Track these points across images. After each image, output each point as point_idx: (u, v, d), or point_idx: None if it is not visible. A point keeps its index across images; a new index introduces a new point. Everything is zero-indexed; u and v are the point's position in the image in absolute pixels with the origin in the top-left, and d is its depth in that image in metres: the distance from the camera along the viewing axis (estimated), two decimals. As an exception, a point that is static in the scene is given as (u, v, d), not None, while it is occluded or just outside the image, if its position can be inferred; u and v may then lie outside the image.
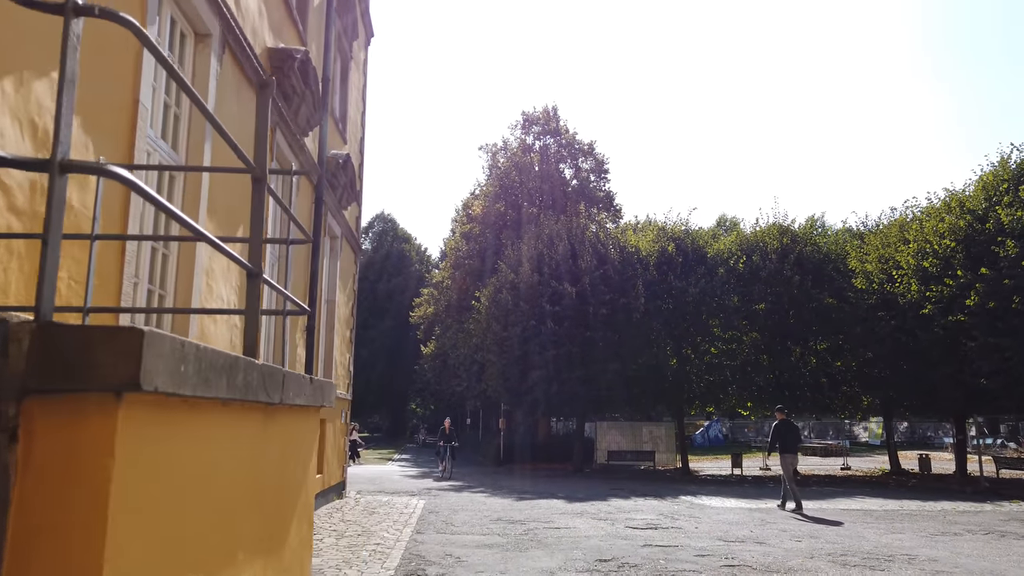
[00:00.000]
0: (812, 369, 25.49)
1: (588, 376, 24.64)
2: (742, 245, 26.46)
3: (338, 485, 14.67)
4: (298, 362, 10.85)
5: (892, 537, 10.62)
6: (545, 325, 24.71)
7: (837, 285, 24.94)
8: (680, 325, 25.19)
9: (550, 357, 24.68)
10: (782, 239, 26.08)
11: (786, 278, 24.95)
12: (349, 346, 15.53)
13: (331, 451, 13.71)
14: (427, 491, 17.43)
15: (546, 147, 34.46)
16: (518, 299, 25.69)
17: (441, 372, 40.22)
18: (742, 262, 25.77)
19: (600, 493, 17.41)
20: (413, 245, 61.50)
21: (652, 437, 29.27)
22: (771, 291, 25.35)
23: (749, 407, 27.90)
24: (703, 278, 25.06)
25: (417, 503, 14.55)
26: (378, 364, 56.73)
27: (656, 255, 25.98)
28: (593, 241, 25.94)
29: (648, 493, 17.57)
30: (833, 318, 24.94)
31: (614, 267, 25.37)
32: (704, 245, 26.73)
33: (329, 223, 12.78)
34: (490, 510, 13.39)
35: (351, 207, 14.94)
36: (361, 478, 21.49)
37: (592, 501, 15.36)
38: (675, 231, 26.43)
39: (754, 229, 26.98)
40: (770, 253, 25.74)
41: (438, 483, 20.23)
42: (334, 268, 13.68)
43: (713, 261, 26.02)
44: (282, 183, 9.71)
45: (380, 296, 57.81)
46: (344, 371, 15.00)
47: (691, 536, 10.38)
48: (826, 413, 29.01)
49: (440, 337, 38.58)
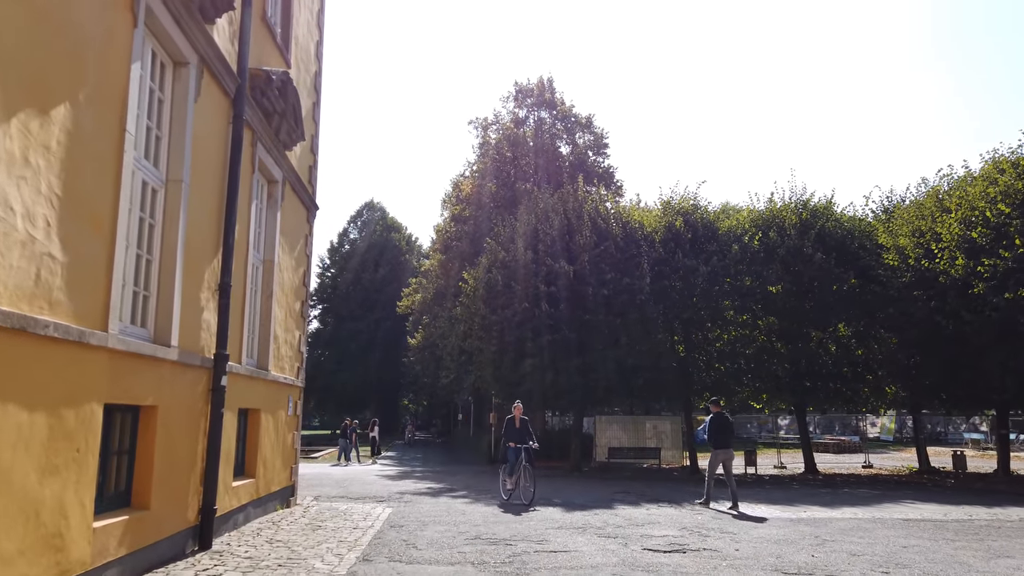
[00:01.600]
0: (834, 357, 22.69)
1: (587, 365, 21.78)
2: (756, 221, 23.63)
3: (283, 491, 11.79)
4: (206, 330, 7.98)
5: (1005, 565, 7.79)
6: (539, 308, 21.84)
7: (863, 263, 22.13)
8: (689, 308, 22.35)
9: (545, 344, 21.81)
10: (800, 214, 23.27)
11: (806, 256, 22.12)
12: (299, 322, 12.64)
13: (269, 449, 10.83)
14: (399, 496, 14.56)
15: (541, 121, 31.56)
16: (510, 279, 22.81)
17: (429, 365, 37.35)
18: (757, 239, 22.94)
19: (603, 498, 14.56)
20: (403, 235, 58.61)
21: (656, 433, 26.41)
22: (789, 270, 22.53)
23: (763, 399, 25.08)
24: (715, 256, 22.22)
25: (381, 513, 11.69)
26: (367, 358, 53.87)
27: (662, 231, 23.11)
28: (592, 215, 23.06)
29: (660, 498, 14.74)
30: (859, 299, 22.14)
31: (616, 244, 22.50)
32: (715, 221, 23.88)
33: (261, 158, 9.90)
34: (468, 523, 10.53)
35: (299, 149, 12.05)
36: (329, 480, 18.59)
37: (595, 509, 12.51)
38: (683, 205, 23.57)
39: (769, 205, 24.11)
40: (788, 229, 22.91)
41: (416, 484, 17.39)
42: (271, 220, 10.79)
43: (726, 238, 23.17)
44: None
45: (368, 287, 54.93)
46: (292, 351, 12.11)
47: (736, 566, 7.52)
48: (849, 406, 26.19)
49: (428, 327, 35.70)
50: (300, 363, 12.72)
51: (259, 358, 10.43)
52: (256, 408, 10.23)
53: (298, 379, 12.51)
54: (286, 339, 11.67)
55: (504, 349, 22.70)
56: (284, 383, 11.52)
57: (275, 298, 10.89)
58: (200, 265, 7.87)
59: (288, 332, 11.82)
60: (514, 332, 22.24)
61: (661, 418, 27.26)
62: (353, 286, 56.69)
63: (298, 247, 12.32)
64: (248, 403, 9.84)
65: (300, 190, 12.15)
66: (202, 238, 7.92)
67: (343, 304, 56.58)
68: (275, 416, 11.08)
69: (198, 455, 7.85)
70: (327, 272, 59.27)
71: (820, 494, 16.44)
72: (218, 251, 8.30)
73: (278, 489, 11.45)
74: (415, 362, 39.98)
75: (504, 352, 22.71)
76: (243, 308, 9.29)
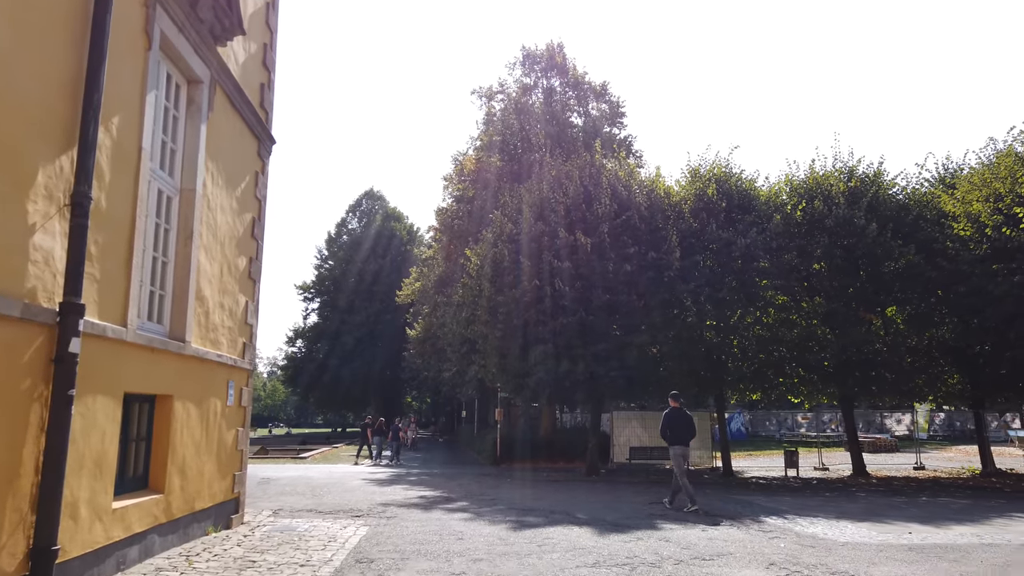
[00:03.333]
0: (889, 344, 19.53)
1: (606, 352, 18.67)
2: (798, 191, 20.47)
3: (219, 508, 8.71)
4: (41, 265, 4.92)
5: None
6: (552, 287, 18.75)
7: (924, 235, 18.96)
8: (724, 287, 19.23)
9: (558, 328, 18.72)
10: (849, 181, 20.13)
11: (858, 227, 18.95)
12: (247, 285, 9.56)
13: (191, 452, 7.75)
14: (382, 510, 11.47)
15: (550, 90, 28.41)
16: (517, 254, 19.71)
17: (431, 358, 34.25)
18: (801, 208, 19.80)
19: (637, 512, 11.44)
20: (404, 224, 55.51)
21: (681, 431, 23.31)
22: (838, 244, 19.36)
23: (803, 393, 21.90)
24: (753, 227, 19.07)
25: (350, 536, 8.63)
26: (367, 353, 50.87)
27: (692, 200, 19.99)
28: (612, 182, 19.94)
29: (707, 512, 11.62)
30: (919, 277, 18.99)
31: (639, 214, 19.37)
32: (750, 189, 20.71)
33: (165, 32, 6.79)
34: (466, 555, 7.45)
35: (241, 51, 8.95)
36: (305, 485, 15.52)
37: (634, 530, 9.40)
38: (716, 171, 20.40)
39: (810, 173, 20.92)
40: (836, 197, 19.75)
41: (407, 491, 14.32)
42: (193, 135, 7.71)
43: (765, 208, 20.03)
44: None
45: (368, 279, 51.89)
46: (234, 321, 9.03)
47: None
48: (903, 399, 22.99)
49: (428, 317, 32.60)
50: (249, 338, 9.65)
51: (172, 324, 7.36)
52: (166, 394, 7.16)
53: (244, 359, 9.43)
54: (223, 304, 8.59)
55: (511, 335, 19.61)
56: (219, 362, 8.44)
57: (201, 244, 7.81)
58: (32, 157, 4.81)
59: (227, 295, 8.74)
60: (522, 315, 19.15)
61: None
62: (352, 278, 53.70)
63: (243, 185, 9.24)
64: (148, 386, 6.77)
65: (244, 108, 9.07)
66: (41, 112, 4.87)
67: (342, 297, 53.59)
68: (202, 406, 8.00)
69: (29, 464, 4.80)
70: (325, 264, 56.24)
71: (899, 505, 13.30)
72: (72, 144, 5.22)
73: (210, 506, 8.38)
74: (415, 355, 36.89)
75: (511, 338, 19.62)
76: (130, 243, 6.19)
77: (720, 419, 21.49)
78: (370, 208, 56.17)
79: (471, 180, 29.36)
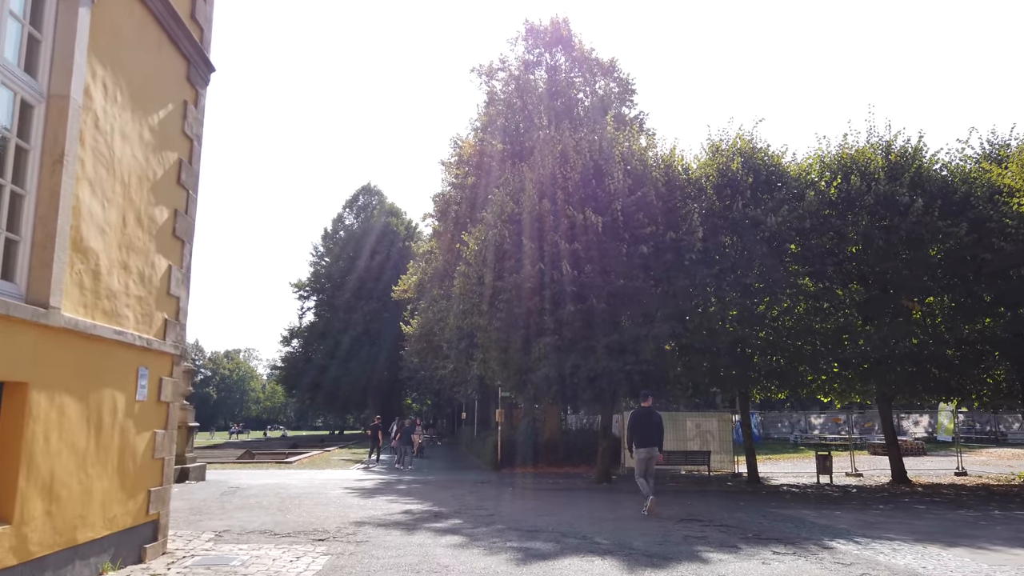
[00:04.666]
0: (936, 336, 17.29)
1: (620, 345, 16.45)
2: (830, 167, 18.24)
3: (123, 536, 6.47)
4: None
5: None
6: (559, 271, 16.54)
7: (977, 213, 16.73)
8: (751, 272, 17.03)
9: (565, 317, 16.50)
10: (888, 155, 17.91)
11: (901, 205, 16.74)
12: (173, 246, 7.35)
13: (67, 462, 5.49)
14: (355, 531, 9.23)
15: (555, 67, 26.21)
16: (520, 236, 17.49)
17: (427, 356, 32.03)
18: (836, 184, 17.57)
19: (670, 535, 9.17)
20: (402, 220, 53.31)
21: (700, 432, 21.11)
22: (878, 225, 17.13)
23: (836, 391, 19.65)
24: (784, 205, 16.85)
25: (302, 573, 6.43)
26: (364, 352, 48.65)
27: (715, 176, 17.78)
28: (626, 156, 17.72)
29: (753, 528, 9.39)
30: (970, 260, 16.78)
31: (656, 190, 17.15)
32: (778, 164, 18.47)
33: None
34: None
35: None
36: (278, 495, 13.26)
37: (674, 564, 7.14)
38: (740, 144, 18.16)
39: (843, 148, 18.67)
40: (874, 172, 17.54)
41: (391, 504, 12.11)
42: (67, 23, 5.49)
43: (796, 184, 17.81)
44: None
45: (364, 275, 49.71)
46: (147, 290, 6.82)
47: None
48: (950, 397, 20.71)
49: (424, 312, 30.38)
50: (174, 314, 7.43)
51: (29, 281, 5.15)
52: (15, 381, 4.95)
53: (166, 339, 7.21)
54: (127, 264, 6.38)
55: (512, 326, 17.38)
56: (119, 342, 6.23)
57: (83, 176, 5.60)
58: None
59: (135, 254, 6.53)
60: (525, 303, 16.93)
61: (706, 415, 21.95)
62: (349, 275, 51.53)
63: (162, 114, 7.02)
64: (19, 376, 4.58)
65: (161, 12, 6.85)
66: None
67: (339, 295, 51.42)
68: (89, 401, 5.79)
69: None
70: (321, 261, 54.04)
71: (974, 521, 11.05)
72: None
73: (106, 535, 6.15)
74: (412, 353, 34.66)
75: (512, 330, 17.40)
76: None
77: (744, 420, 19.28)
78: (367, 203, 54.00)
79: (471, 165, 27.16)
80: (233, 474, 19.63)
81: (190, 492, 14.04)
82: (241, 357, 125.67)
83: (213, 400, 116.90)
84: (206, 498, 12.86)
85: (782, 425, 47.28)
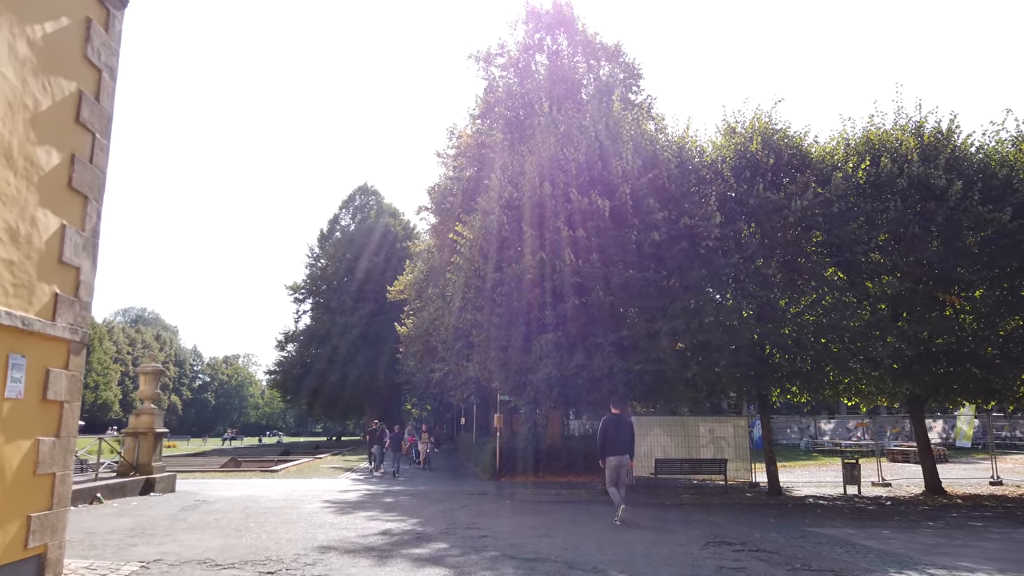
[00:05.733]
0: (975, 333, 15.62)
1: (630, 342, 14.80)
2: (857, 149, 16.61)
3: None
4: None
5: None
6: (561, 260, 14.89)
7: (1020, 198, 15.09)
8: (773, 262, 15.38)
9: (569, 312, 14.87)
10: (921, 136, 16.29)
11: (938, 189, 15.11)
12: (69, 201, 5.70)
13: None
14: (316, 558, 7.54)
15: (558, 51, 24.63)
16: (519, 223, 15.85)
17: (423, 357, 30.32)
18: (864, 166, 15.93)
19: (698, 567, 7.47)
20: (400, 220, 51.67)
21: (713, 438, 19.41)
22: (912, 211, 15.49)
23: (861, 391, 17.95)
24: (809, 188, 15.20)
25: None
26: (359, 355, 46.95)
27: (733, 157, 16.15)
28: (635, 137, 16.09)
29: (803, 562, 7.67)
30: (1015, 247, 15.12)
31: (669, 173, 15.52)
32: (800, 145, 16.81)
33: None
34: None
35: None
36: (244, 511, 11.57)
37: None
38: (759, 124, 16.52)
39: (869, 130, 17.03)
40: (907, 154, 15.91)
41: (368, 523, 10.44)
42: None
43: (822, 166, 16.17)
44: None
45: (361, 276, 48.06)
46: (28, 254, 5.17)
47: None
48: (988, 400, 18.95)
49: (420, 312, 28.72)
50: (71, 289, 5.77)
51: None
52: None
53: (56, 321, 5.55)
54: None
55: (512, 322, 15.74)
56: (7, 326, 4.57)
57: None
58: None
59: (8, 205, 4.88)
60: (525, 296, 15.28)
61: (721, 419, 20.24)
62: (346, 277, 49.89)
63: (49, 28, 5.38)
64: None
65: None
66: None
67: (335, 297, 49.75)
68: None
69: None
70: (317, 263, 52.38)
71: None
72: None
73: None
74: (408, 356, 32.97)
75: (512, 326, 15.75)
76: None
77: (764, 425, 17.56)
78: (364, 203, 52.39)
79: (468, 156, 25.54)
80: (208, 485, 17.97)
81: (147, 507, 12.38)
82: (240, 363, 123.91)
83: (212, 406, 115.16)
84: (159, 515, 11.19)
85: (791, 431, 45.50)
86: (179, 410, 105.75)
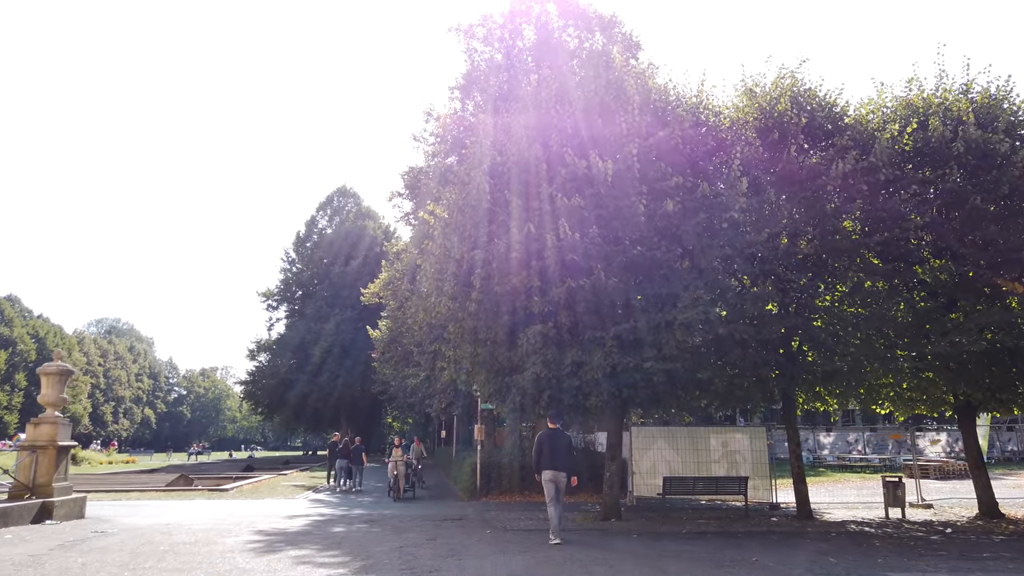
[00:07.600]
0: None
1: (636, 335, 12.00)
2: (898, 111, 14.03)
3: None
4: None
5: None
6: (553, 233, 12.11)
7: (1098, 166, 12.54)
8: (807, 241, 12.72)
9: (561, 298, 12.06)
10: (973, 98, 13.75)
11: (999, 155, 12.56)
12: None
13: None
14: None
15: (546, 23, 22.09)
16: (504, 191, 13.05)
17: (398, 363, 27.39)
18: (910, 130, 13.34)
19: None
20: (379, 223, 48.80)
21: (727, 452, 16.70)
22: (969, 181, 12.91)
23: (903, 395, 15.24)
24: (850, 151, 12.56)
25: None
26: (335, 365, 43.82)
27: (757, 118, 13.51)
28: (641, 91, 13.39)
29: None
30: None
31: (683, 133, 12.82)
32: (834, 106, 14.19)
33: None
34: None
35: None
36: (147, 548, 8.62)
37: None
38: (788, 83, 13.87)
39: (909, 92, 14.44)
40: (960, 115, 13.34)
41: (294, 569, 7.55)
42: None
43: (862, 130, 13.57)
44: None
45: (337, 282, 45.07)
46: None
47: None
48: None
49: (393, 313, 25.82)
50: None
51: None
52: None
53: None
54: None
55: (492, 311, 12.91)
56: None
57: None
58: None
59: None
60: (510, 280, 12.45)
61: (736, 430, 17.53)
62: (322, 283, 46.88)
63: None
64: None
65: None
66: None
67: (310, 303, 46.69)
68: None
69: None
70: (293, 267, 49.31)
71: None
72: None
73: None
74: (382, 363, 30.00)
75: (492, 316, 12.92)
76: None
77: (792, 436, 14.78)
78: (342, 206, 49.52)
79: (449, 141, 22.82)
80: (133, 508, 14.93)
81: (18, 541, 9.37)
82: (218, 375, 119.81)
83: (188, 420, 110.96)
84: (20, 553, 8.22)
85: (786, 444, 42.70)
86: (153, 424, 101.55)
